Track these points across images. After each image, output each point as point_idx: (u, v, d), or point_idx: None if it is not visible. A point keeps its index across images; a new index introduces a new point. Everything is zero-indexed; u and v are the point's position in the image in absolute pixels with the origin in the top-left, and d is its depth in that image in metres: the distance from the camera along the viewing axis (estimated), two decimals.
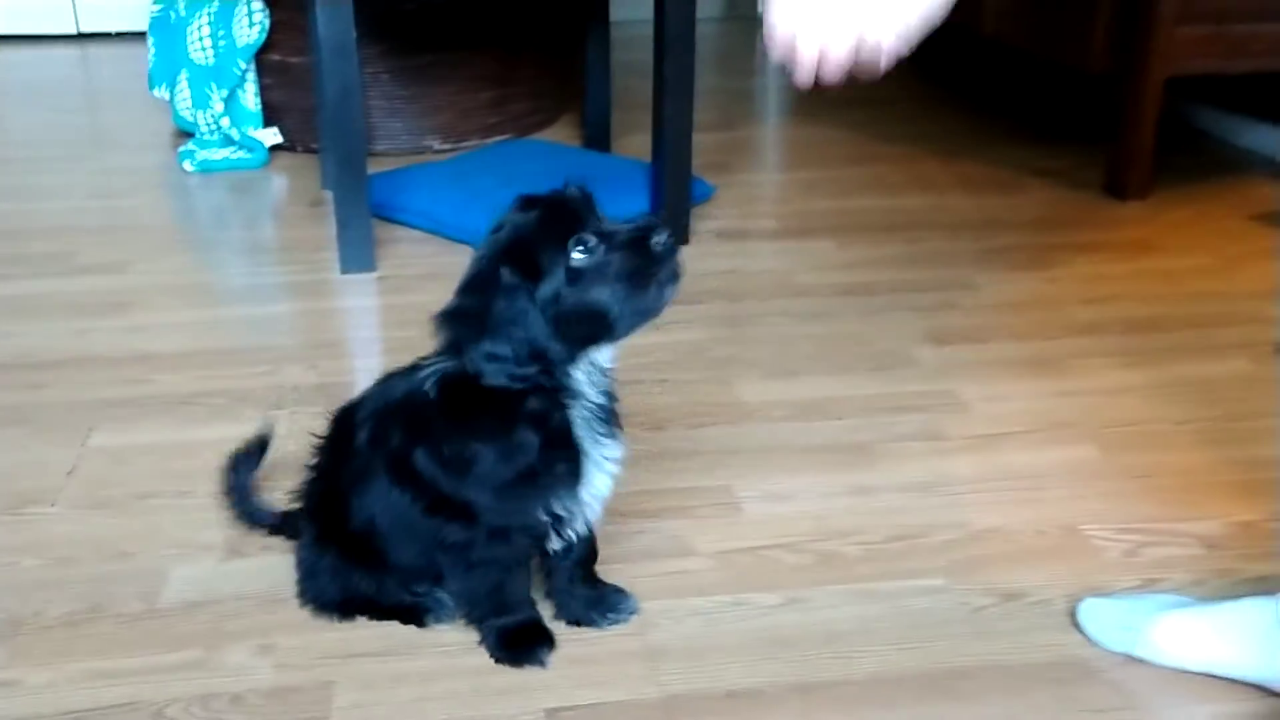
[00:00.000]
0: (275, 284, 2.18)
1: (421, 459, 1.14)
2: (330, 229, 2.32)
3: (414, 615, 1.26)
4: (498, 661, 1.20)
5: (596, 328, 1.08)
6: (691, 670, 1.20)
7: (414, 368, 1.20)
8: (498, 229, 1.10)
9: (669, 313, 1.12)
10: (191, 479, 1.51)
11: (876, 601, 1.31)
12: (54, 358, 1.85)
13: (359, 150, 2.14)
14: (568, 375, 1.11)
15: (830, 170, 2.77)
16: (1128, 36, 2.43)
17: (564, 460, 1.13)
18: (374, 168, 2.25)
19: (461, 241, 2.32)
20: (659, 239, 1.07)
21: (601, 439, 1.15)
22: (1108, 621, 1.22)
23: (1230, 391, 1.77)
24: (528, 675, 1.19)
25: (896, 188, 2.66)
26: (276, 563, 1.34)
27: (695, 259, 2.22)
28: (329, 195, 2.48)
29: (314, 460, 1.28)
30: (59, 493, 1.49)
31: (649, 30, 2.29)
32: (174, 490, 1.49)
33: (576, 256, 1.06)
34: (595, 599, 1.27)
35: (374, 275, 2.17)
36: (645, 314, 1.08)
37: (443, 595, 1.26)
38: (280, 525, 1.37)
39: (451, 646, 1.23)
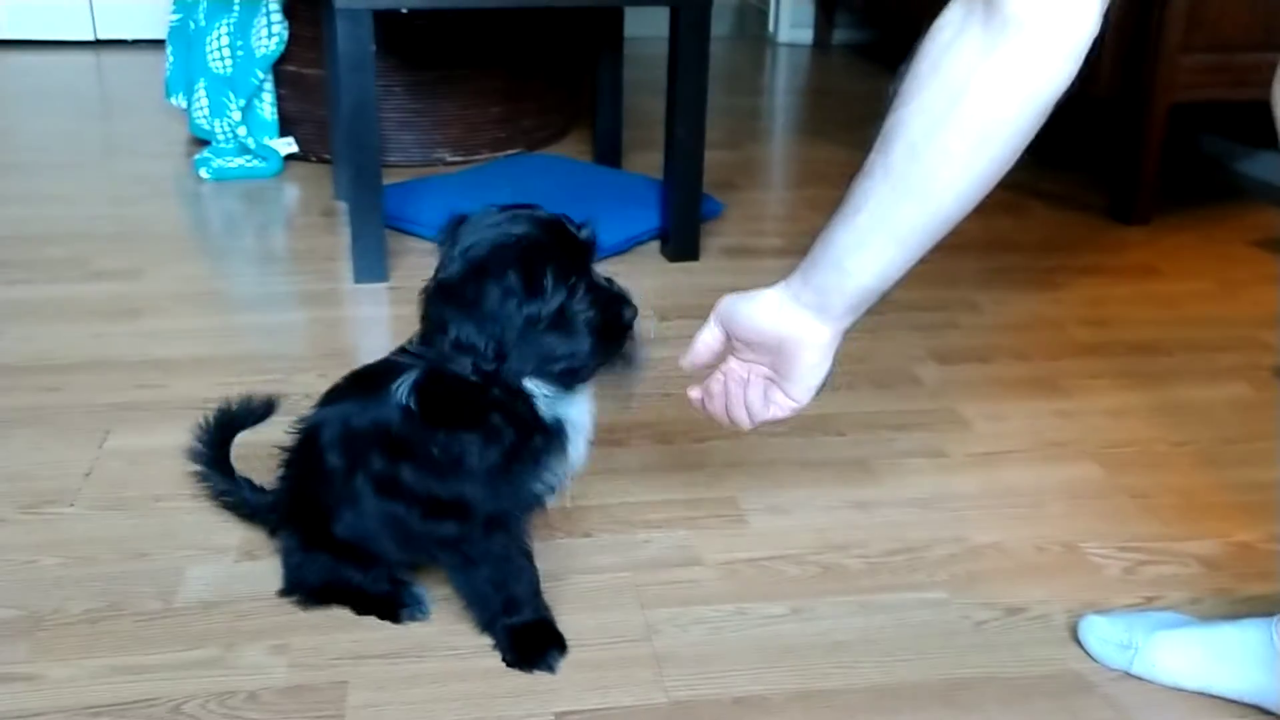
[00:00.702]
0: (288, 292, 2.21)
1: (408, 474, 1.18)
2: (342, 238, 2.35)
3: (390, 610, 1.29)
4: (509, 665, 1.22)
5: (554, 366, 1.13)
6: (697, 677, 1.22)
7: (365, 381, 1.24)
8: (513, 229, 1.11)
9: (677, 328, 1.15)
10: None
11: (878, 613, 1.33)
12: (70, 361, 1.88)
13: (373, 162, 2.17)
14: (519, 382, 1.14)
15: (838, 189, 2.73)
16: (1133, 64, 2.47)
17: (538, 434, 1.17)
18: (386, 179, 2.28)
19: None
20: (627, 313, 1.13)
21: (566, 408, 1.19)
22: (1107, 638, 1.24)
23: (1230, 414, 1.79)
24: (537, 679, 1.21)
25: None
26: None
27: (703, 275, 2.26)
28: (342, 205, 2.52)
29: (284, 473, 1.32)
30: (77, 493, 1.52)
31: (659, 48, 2.32)
32: (189, 493, 1.52)
33: (573, 300, 1.10)
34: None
35: (386, 285, 2.20)
36: (596, 373, 1.15)
37: (420, 590, 1.31)
38: (254, 504, 1.40)
39: (464, 649, 1.25)
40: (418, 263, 2.31)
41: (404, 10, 2.13)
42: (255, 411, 1.41)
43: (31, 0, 4.04)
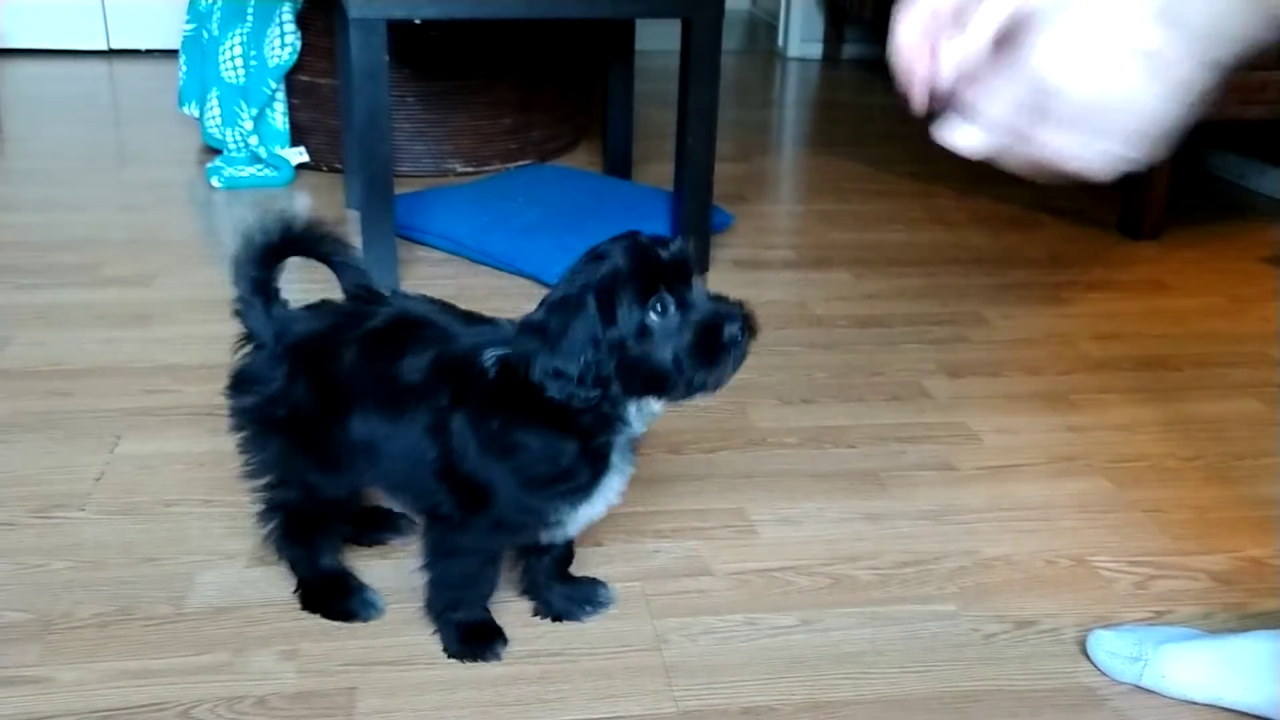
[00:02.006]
0: (298, 300, 2.21)
1: (459, 424, 1.15)
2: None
3: (347, 615, 1.30)
4: (451, 656, 1.24)
5: (652, 384, 1.11)
6: (706, 687, 1.22)
7: (468, 317, 1.23)
8: (597, 257, 1.10)
9: None
10: (216, 488, 1.54)
11: (888, 625, 1.33)
12: (82, 366, 1.88)
13: (385, 172, 2.17)
14: (623, 407, 1.13)
15: (847, 203, 2.80)
16: None
17: (590, 474, 1.16)
18: (397, 189, 2.29)
19: (482, 264, 2.36)
20: (733, 329, 1.09)
21: (624, 466, 1.19)
22: (1116, 651, 1.24)
23: (1239, 430, 1.79)
24: (546, 687, 1.21)
25: (913, 222, 2.70)
26: None
27: (713, 287, 2.25)
28: (353, 214, 2.52)
29: (314, 326, 1.26)
30: (88, 498, 1.52)
31: (669, 61, 2.33)
32: (199, 498, 1.52)
33: (652, 316, 1.08)
34: (572, 593, 1.32)
35: None
36: (699, 389, 1.11)
37: (373, 597, 1.31)
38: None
39: None
40: (429, 272, 2.32)
41: (417, 21, 2.14)
42: (315, 237, 1.32)
43: (45, 10, 4.07)
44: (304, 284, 2.27)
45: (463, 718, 1.17)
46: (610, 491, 1.19)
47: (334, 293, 1.33)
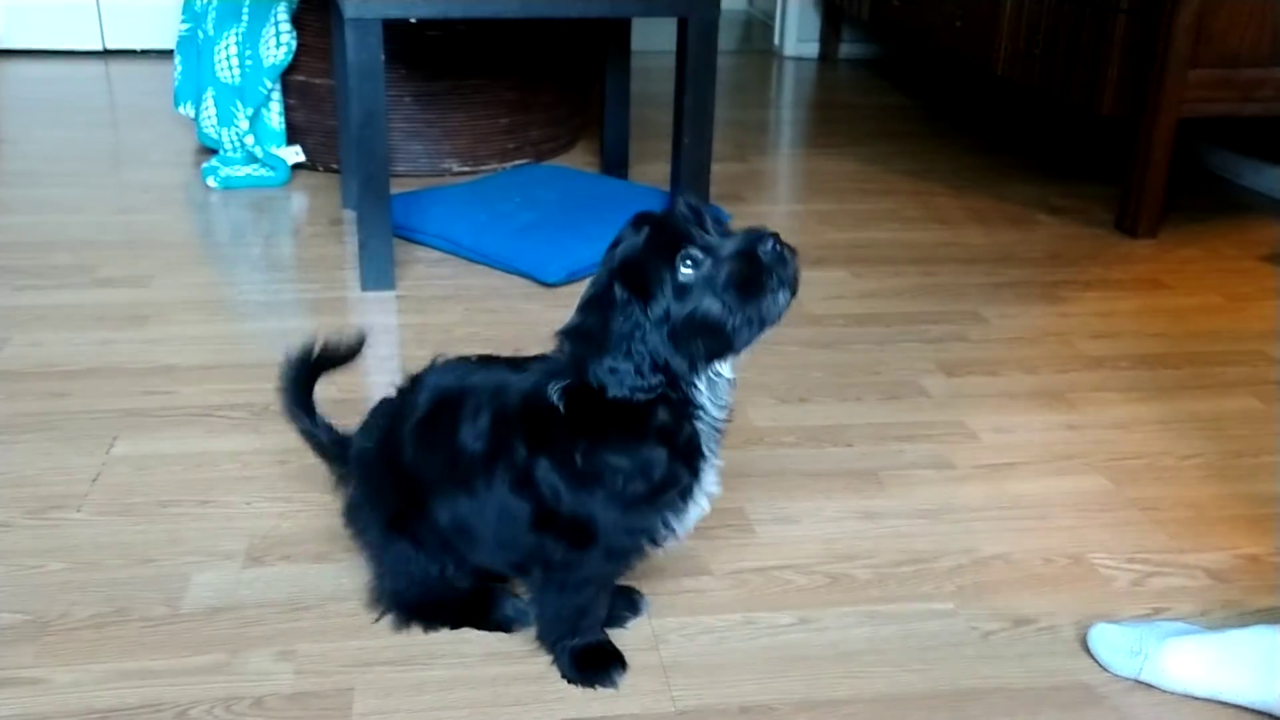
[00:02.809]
0: (295, 300, 2.22)
1: (544, 470, 1.13)
2: (349, 247, 2.36)
3: (500, 625, 1.28)
4: (570, 682, 1.21)
5: (712, 340, 1.07)
6: (704, 685, 1.22)
7: (509, 364, 1.21)
8: (614, 245, 1.09)
9: None
10: (212, 488, 1.54)
11: (886, 623, 1.33)
12: (78, 367, 1.88)
13: (382, 171, 2.17)
14: (693, 388, 1.10)
15: (844, 202, 2.80)
16: (1140, 80, 2.47)
17: (688, 474, 1.13)
18: (394, 189, 2.29)
19: (479, 263, 2.36)
20: (766, 247, 1.05)
21: (713, 459, 1.16)
22: (1116, 646, 1.24)
23: (1237, 428, 1.79)
24: (543, 686, 1.21)
25: (910, 221, 2.70)
26: (297, 571, 1.37)
27: None
28: (349, 214, 2.52)
29: (381, 433, 1.25)
30: (84, 499, 1.52)
31: (666, 61, 2.33)
32: (196, 499, 1.52)
33: (684, 271, 1.05)
34: (613, 602, 1.30)
35: (393, 294, 2.20)
36: (761, 323, 1.06)
37: (523, 606, 1.28)
38: (330, 449, 1.34)
39: (470, 656, 1.25)
40: (425, 271, 2.32)
41: (413, 20, 2.14)
42: (343, 351, 1.34)
43: (41, 10, 4.06)
44: (297, 285, 2.28)
45: (460, 717, 1.17)
46: (709, 485, 1.17)
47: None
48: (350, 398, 1.79)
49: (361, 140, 2.14)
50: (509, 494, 1.15)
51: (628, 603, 1.32)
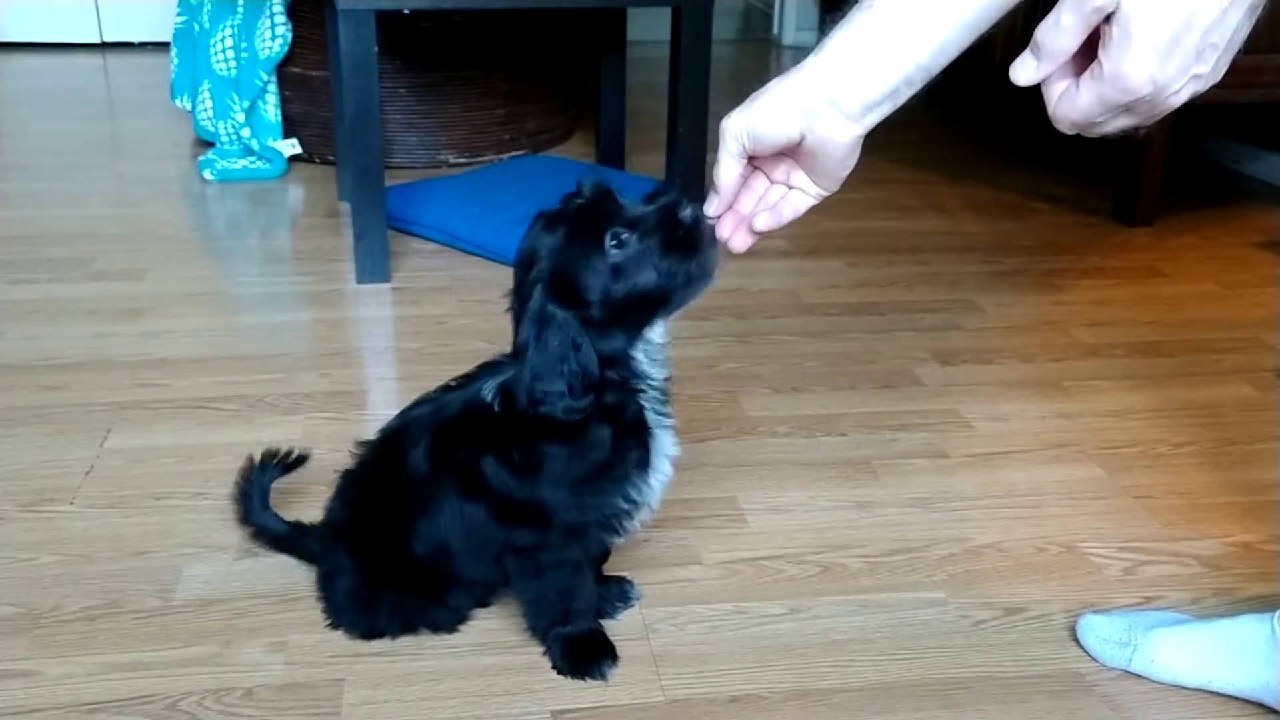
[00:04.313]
0: (291, 292, 2.22)
1: (490, 467, 1.15)
2: (346, 239, 2.36)
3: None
4: (561, 673, 1.21)
5: (653, 307, 1.08)
6: (694, 675, 1.22)
7: (446, 389, 1.23)
8: (532, 255, 1.09)
9: (678, 328, 1.14)
10: (206, 481, 1.54)
11: (877, 612, 1.33)
12: (72, 360, 1.88)
13: (377, 163, 2.17)
14: (631, 359, 1.12)
15: (840, 191, 2.78)
16: None
17: (636, 448, 1.14)
18: (389, 181, 2.29)
19: (474, 255, 2.36)
20: (685, 212, 1.06)
21: (664, 422, 1.17)
22: (1105, 636, 1.24)
23: (1232, 416, 1.79)
24: (533, 677, 1.21)
25: (906, 210, 2.70)
26: (288, 563, 1.37)
27: None
28: (345, 206, 2.52)
29: (348, 495, 1.28)
30: (77, 491, 1.52)
31: (662, 51, 2.32)
32: (189, 491, 1.52)
33: (614, 253, 1.05)
34: (605, 591, 1.31)
35: (389, 286, 2.20)
36: (698, 281, 1.07)
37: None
38: (287, 541, 1.37)
39: (460, 647, 1.25)
40: (420, 264, 2.32)
41: (406, 11, 2.14)
42: (286, 461, 1.40)
43: (38, 3, 4.06)
44: (293, 277, 2.28)
45: (450, 708, 1.17)
46: (668, 448, 1.17)
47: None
48: (345, 389, 1.80)
49: (355, 132, 2.14)
50: (461, 499, 1.17)
51: (619, 592, 1.32)
